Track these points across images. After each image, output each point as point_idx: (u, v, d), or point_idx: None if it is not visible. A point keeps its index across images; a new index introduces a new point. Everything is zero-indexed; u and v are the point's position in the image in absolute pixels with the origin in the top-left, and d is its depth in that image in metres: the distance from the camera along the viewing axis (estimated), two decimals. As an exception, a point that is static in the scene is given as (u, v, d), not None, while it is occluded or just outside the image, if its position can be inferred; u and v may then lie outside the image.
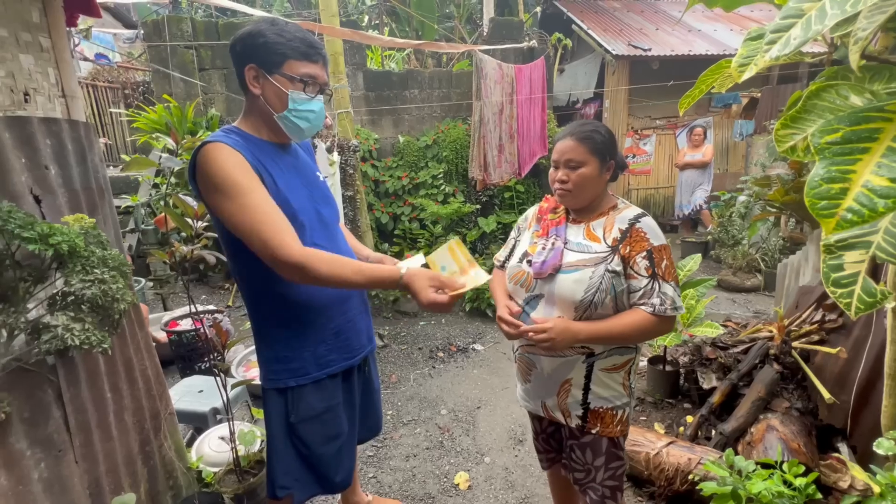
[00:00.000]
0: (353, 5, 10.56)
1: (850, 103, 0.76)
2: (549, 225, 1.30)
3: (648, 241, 1.17)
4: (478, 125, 3.94)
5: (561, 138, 1.24)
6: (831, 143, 0.63)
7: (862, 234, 0.67)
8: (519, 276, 1.30)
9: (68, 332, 0.83)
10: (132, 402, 1.39)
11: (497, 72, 4.09)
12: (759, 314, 3.78)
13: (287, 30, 1.10)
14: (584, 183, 1.21)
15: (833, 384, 1.94)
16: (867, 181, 0.59)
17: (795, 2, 0.67)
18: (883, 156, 0.60)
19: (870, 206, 0.58)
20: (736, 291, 4.42)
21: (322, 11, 3.64)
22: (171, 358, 2.84)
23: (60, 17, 1.20)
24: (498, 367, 3.13)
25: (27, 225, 0.84)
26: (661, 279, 1.15)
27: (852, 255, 0.66)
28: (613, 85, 6.79)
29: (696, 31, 7.52)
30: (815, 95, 0.80)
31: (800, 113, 0.80)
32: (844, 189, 0.61)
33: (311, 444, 1.22)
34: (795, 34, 0.64)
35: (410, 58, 6.87)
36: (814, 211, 0.62)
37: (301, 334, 1.19)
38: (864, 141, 0.62)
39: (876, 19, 0.63)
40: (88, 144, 1.25)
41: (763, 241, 4.58)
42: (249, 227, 1.00)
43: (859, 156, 0.61)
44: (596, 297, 1.16)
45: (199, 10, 7.20)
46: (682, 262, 2.60)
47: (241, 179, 1.02)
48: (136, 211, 3.74)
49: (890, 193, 0.57)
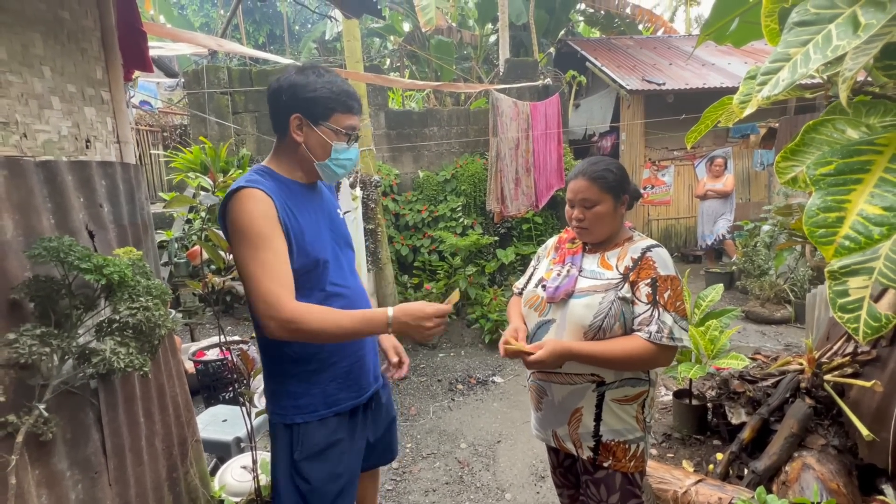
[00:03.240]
0: (375, 50, 11.18)
1: (846, 136, 0.80)
2: (566, 253, 1.35)
3: (655, 270, 1.20)
4: (494, 160, 4.06)
5: (574, 178, 1.28)
6: (825, 174, 0.67)
7: (864, 259, 0.68)
8: (533, 300, 1.34)
9: (115, 355, 0.91)
10: (162, 428, 1.45)
11: (513, 109, 4.24)
12: (790, 347, 3.64)
13: (334, 82, 1.15)
14: (599, 220, 1.25)
15: (871, 420, 1.85)
16: (862, 210, 0.62)
17: (783, 46, 0.72)
18: (875, 186, 0.63)
19: (866, 234, 0.61)
20: (765, 323, 4.27)
21: (347, 58, 3.90)
22: (197, 388, 2.91)
23: (120, 74, 1.35)
24: (518, 401, 3.09)
25: (84, 257, 0.94)
26: (661, 307, 1.17)
27: (856, 280, 0.67)
28: (629, 118, 6.90)
29: (710, 65, 7.63)
30: (814, 129, 0.85)
31: (799, 146, 0.84)
32: (840, 218, 0.64)
33: (314, 481, 1.20)
34: (783, 76, 0.69)
35: (430, 97, 7.17)
36: (813, 239, 0.65)
37: (313, 372, 1.20)
38: (857, 172, 0.65)
39: (860, 61, 0.68)
40: (137, 184, 1.37)
41: (791, 271, 4.46)
42: (254, 277, 1.05)
43: (853, 186, 0.65)
44: (605, 322, 1.19)
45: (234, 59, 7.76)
46: (704, 293, 2.57)
47: (263, 230, 1.07)
48: (170, 245, 3.94)
49: (884, 221, 0.60)
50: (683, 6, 13.69)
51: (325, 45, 10.79)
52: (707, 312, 2.50)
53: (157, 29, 2.53)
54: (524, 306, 1.37)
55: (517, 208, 4.42)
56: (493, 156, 4.09)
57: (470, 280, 4.31)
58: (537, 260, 1.48)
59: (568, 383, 1.26)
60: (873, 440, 1.77)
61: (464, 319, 4.37)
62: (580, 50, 7.98)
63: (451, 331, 4.24)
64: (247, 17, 12.01)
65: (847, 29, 0.64)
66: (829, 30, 0.66)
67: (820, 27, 0.68)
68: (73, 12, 1.21)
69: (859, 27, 0.62)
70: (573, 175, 1.29)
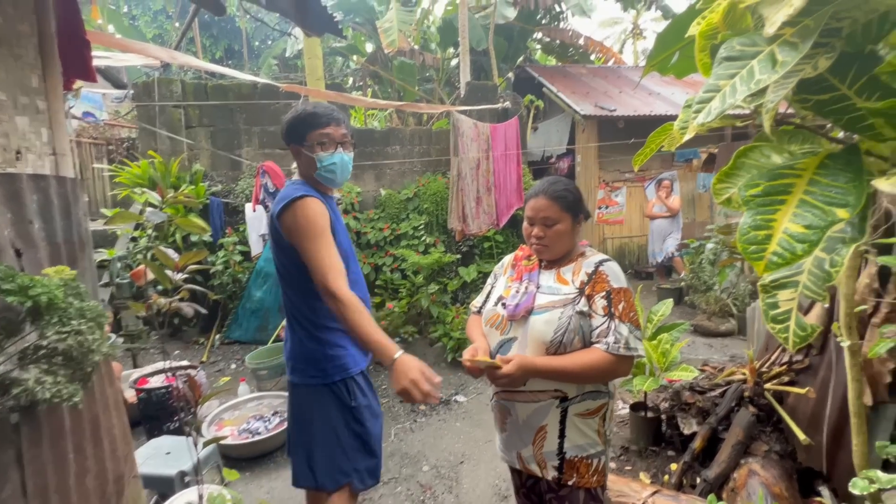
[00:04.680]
0: (338, 69, 11.19)
1: (772, 161, 0.87)
2: (523, 270, 1.37)
3: (609, 283, 1.24)
4: (455, 179, 4.12)
5: (534, 196, 1.31)
6: (754, 195, 0.73)
7: (791, 274, 0.74)
8: (494, 319, 1.34)
9: (40, 384, 0.83)
10: (95, 464, 1.32)
11: (473, 130, 4.34)
12: (734, 358, 3.85)
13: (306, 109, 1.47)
14: (559, 238, 1.29)
15: (807, 425, 1.97)
16: (786, 228, 0.68)
17: (714, 79, 0.78)
18: (797, 206, 0.69)
19: (791, 250, 0.66)
20: (712, 336, 4.51)
21: (308, 75, 3.88)
22: (139, 418, 2.70)
23: (58, 83, 1.27)
24: (481, 419, 3.07)
25: (7, 277, 0.86)
26: (617, 319, 1.20)
27: (785, 293, 0.73)
28: (584, 142, 7.23)
29: (656, 94, 8.18)
30: (744, 154, 0.92)
31: (732, 169, 0.91)
32: (769, 235, 0.69)
33: (366, 422, 1.49)
34: (714, 105, 0.75)
35: (392, 117, 7.22)
36: (746, 255, 0.70)
37: (344, 337, 1.48)
38: (781, 194, 0.71)
39: (779, 93, 0.75)
40: (74, 199, 1.28)
41: (733, 286, 4.75)
42: (321, 264, 1.34)
43: (778, 206, 0.70)
44: (565, 337, 1.21)
45: (188, 72, 7.52)
46: (656, 308, 2.68)
47: (325, 227, 1.37)
48: (112, 265, 3.69)
49: (805, 238, 0.65)
50: (631, 39, 14.71)
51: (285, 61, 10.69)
52: (659, 326, 2.60)
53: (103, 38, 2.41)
54: (485, 325, 1.38)
55: (478, 226, 4.49)
56: (455, 175, 4.16)
57: (433, 298, 4.29)
58: (494, 278, 1.50)
59: (532, 401, 1.27)
60: (809, 444, 1.89)
61: (426, 338, 4.33)
62: (537, 76, 8.34)
63: (413, 350, 4.19)
64: (204, 31, 11.72)
65: (767, 65, 0.71)
66: (752, 65, 0.73)
67: (744, 62, 0.75)
68: (7, 17, 1.14)
69: (777, 63, 0.69)
70: (533, 194, 1.32)
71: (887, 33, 0.78)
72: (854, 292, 1.46)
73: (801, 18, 0.72)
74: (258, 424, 2.76)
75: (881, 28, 0.76)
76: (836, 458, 1.83)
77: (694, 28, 0.99)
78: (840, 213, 0.65)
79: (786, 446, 2.06)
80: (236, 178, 5.24)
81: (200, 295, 1.76)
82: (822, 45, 0.74)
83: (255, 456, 2.64)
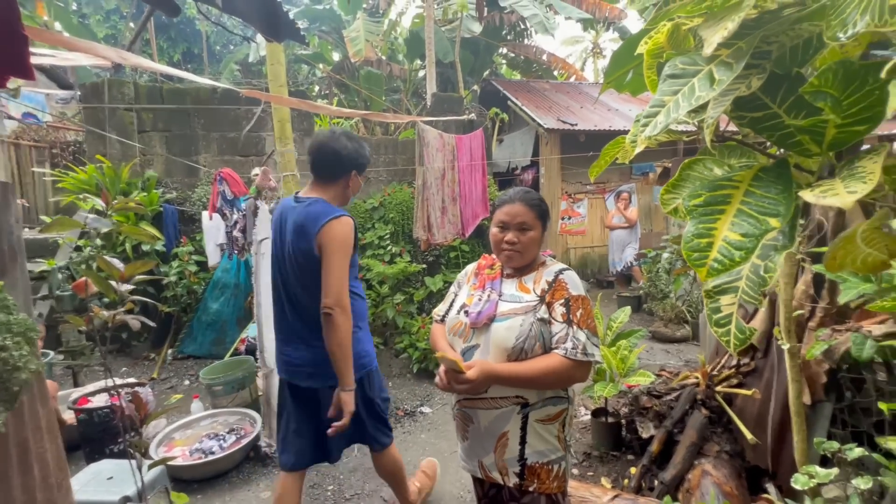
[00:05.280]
0: (303, 76, 11.04)
1: (713, 174, 0.92)
2: (485, 279, 1.39)
3: (567, 291, 1.28)
4: (421, 189, 4.13)
5: (509, 202, 1.34)
6: (697, 205, 0.77)
7: (731, 280, 0.79)
8: (457, 326, 1.35)
9: (-46, 406, 0.75)
10: (23, 494, 1.21)
11: (438, 141, 4.37)
12: (689, 363, 4.01)
13: (364, 146, 1.85)
14: (531, 244, 1.32)
15: (754, 425, 2.08)
16: (725, 236, 0.72)
17: (659, 94, 0.83)
18: (735, 216, 0.73)
19: (729, 257, 0.70)
20: (668, 342, 4.69)
21: (271, 82, 3.79)
22: (78, 441, 2.51)
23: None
24: (446, 430, 3.04)
25: (-81, 289, 0.78)
26: (575, 325, 1.24)
27: (726, 298, 0.77)
28: (547, 154, 7.43)
29: (615, 111, 8.54)
30: (689, 167, 0.97)
31: (678, 181, 0.95)
32: (710, 243, 0.72)
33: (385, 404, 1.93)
34: (660, 119, 0.79)
35: (358, 126, 7.19)
36: (690, 262, 0.73)
37: (368, 334, 1.86)
38: (721, 204, 0.75)
39: (718, 110, 0.80)
40: (4, 204, 1.19)
41: (687, 293, 4.98)
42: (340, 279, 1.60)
43: (718, 216, 0.74)
44: (526, 343, 1.23)
45: (143, 74, 7.21)
46: (615, 315, 2.77)
47: (351, 248, 1.66)
48: (52, 276, 3.43)
49: (742, 246, 0.69)
50: (591, 58, 15.37)
51: (248, 67, 10.45)
52: (618, 333, 2.69)
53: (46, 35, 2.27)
54: (448, 334, 1.38)
55: (444, 236, 4.50)
56: (420, 185, 4.16)
57: (398, 308, 4.25)
58: (457, 286, 1.51)
59: (493, 408, 1.28)
60: (756, 443, 1.98)
61: (392, 349, 4.28)
62: (502, 89, 8.54)
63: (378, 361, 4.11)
64: (161, 34, 11.29)
65: (706, 83, 0.76)
66: (693, 83, 0.78)
67: (686, 80, 0.80)
68: (-71, 7, 1.05)
69: (714, 82, 0.74)
70: (507, 200, 1.35)
71: (811, 57, 0.85)
72: (792, 298, 1.56)
73: (735, 41, 0.77)
74: (212, 443, 2.62)
75: (806, 52, 0.83)
76: (781, 456, 1.94)
77: (642, 47, 1.05)
78: (772, 223, 0.69)
79: (735, 446, 2.15)
80: (193, 185, 5.04)
81: (151, 307, 1.67)
82: (755, 66, 0.80)
83: (210, 477, 2.50)
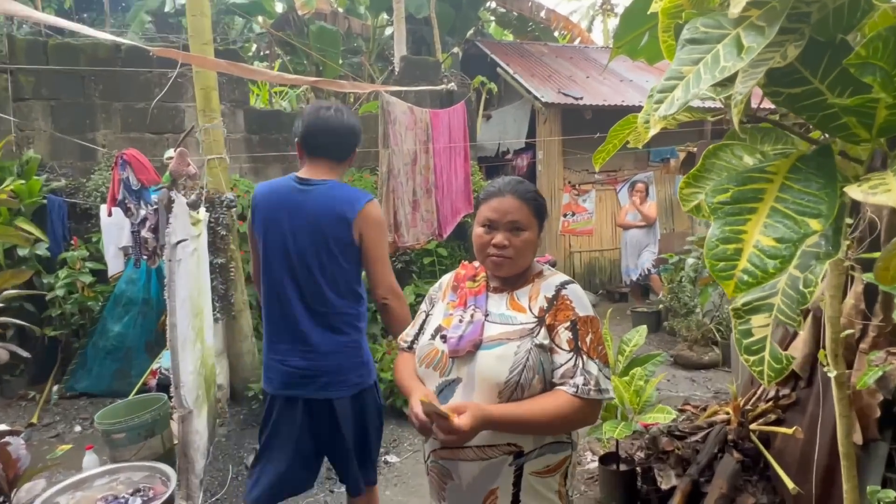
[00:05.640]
0: (237, 32, 10.88)
1: (743, 163, 0.94)
2: (467, 294, 1.37)
3: (574, 311, 1.27)
4: (386, 177, 4.11)
5: (497, 195, 1.32)
6: (723, 202, 0.77)
7: (764, 295, 0.80)
8: (431, 355, 1.32)
9: None
10: None
11: (408, 116, 4.37)
12: (718, 394, 4.11)
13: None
14: (526, 249, 1.31)
15: (796, 470, 2.13)
16: (757, 241, 0.72)
17: (677, 64, 0.84)
18: (768, 216, 0.74)
19: (762, 267, 0.70)
20: (694, 368, 4.79)
21: (192, 38, 3.71)
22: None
23: None
24: (418, 484, 3.02)
25: None
26: (584, 355, 1.23)
27: (759, 318, 0.78)
28: (545, 135, 7.52)
29: (629, 82, 8.73)
30: (714, 154, 0.98)
31: (700, 171, 0.96)
32: (738, 250, 0.73)
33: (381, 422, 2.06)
34: (678, 95, 0.79)
35: (307, 96, 7.12)
36: (714, 273, 0.74)
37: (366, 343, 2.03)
38: (751, 201, 0.76)
39: (748, 84, 0.81)
40: None
41: (716, 308, 5.10)
42: (388, 265, 1.92)
43: (748, 216, 0.75)
44: (522, 376, 1.21)
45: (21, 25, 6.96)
46: (628, 336, 2.80)
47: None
48: None
49: (777, 254, 0.70)
50: (601, 17, 15.64)
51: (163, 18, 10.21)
52: (632, 359, 2.72)
53: None
54: (420, 365, 1.35)
55: (416, 238, 4.48)
56: (385, 172, 4.14)
57: (357, 329, 4.20)
58: (429, 304, 1.49)
59: (480, 459, 1.25)
60: (799, 493, 2.03)
61: (349, 381, 4.23)
62: (490, 53, 8.61)
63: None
64: (48, -27, 10.92)
65: (732, 50, 0.77)
66: (718, 50, 0.79)
67: (709, 46, 0.81)
68: None
69: (743, 49, 0.75)
70: (494, 192, 1.33)
71: (859, 21, 0.88)
72: (839, 315, 1.60)
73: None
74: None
75: (852, 15, 0.85)
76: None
77: (656, 4, 1.06)
78: (813, 225, 0.71)
79: (774, 497, 2.21)
80: (88, 170, 4.89)
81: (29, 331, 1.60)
82: (791, 30, 0.82)
83: (105, 553, 2.40)
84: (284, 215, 1.86)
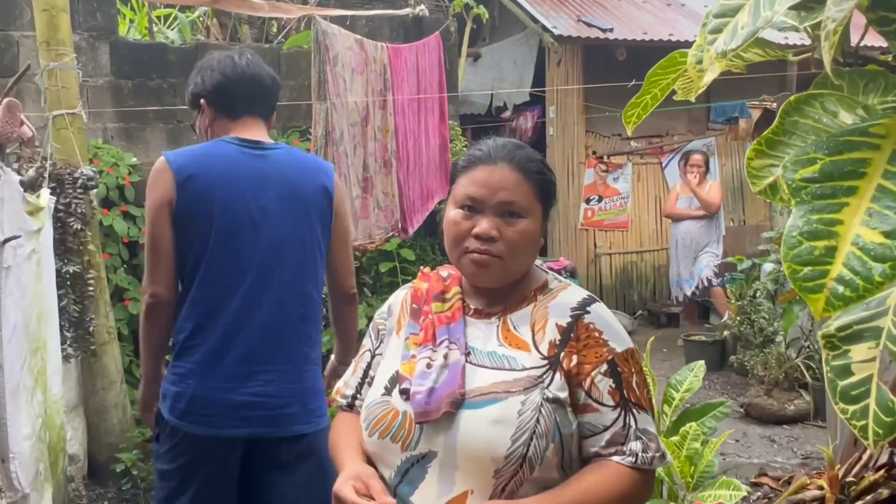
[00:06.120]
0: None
1: (838, 122, 0.94)
2: (434, 323, 1.33)
3: (608, 345, 1.24)
4: (322, 143, 4.08)
5: (482, 162, 1.29)
6: (808, 179, 0.77)
7: (869, 316, 0.80)
8: (387, 420, 1.26)
9: None
10: None
11: (357, 54, 4.35)
12: (808, 459, 4.17)
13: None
14: (524, 244, 1.28)
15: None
16: (858, 237, 0.72)
17: (741, -23, 0.84)
18: (873, 200, 0.74)
19: (864, 275, 0.70)
20: (774, 423, 4.85)
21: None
22: None
23: None
24: None
25: None
26: (635, 408, 1.22)
27: (860, 349, 0.78)
28: (559, 83, 7.55)
29: (679, 6, 8.83)
30: (796, 110, 0.99)
31: (777, 135, 0.97)
32: (831, 249, 0.73)
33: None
34: (743, 21, 0.80)
35: (206, 24, 7.04)
36: (795, 283, 0.74)
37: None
38: (849, 178, 0.76)
39: (845, 6, 0.82)
40: None
41: (805, 335, 5.17)
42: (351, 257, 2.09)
43: (845, 199, 0.75)
44: (531, 448, 1.15)
45: None
46: (678, 377, 2.83)
47: None
48: None
49: (886, 255, 0.70)
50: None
51: None
52: (683, 410, 2.74)
53: None
54: (369, 434, 1.29)
55: (367, 234, 4.47)
56: (321, 136, 4.10)
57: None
58: (375, 338, 1.45)
59: None
60: None
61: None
62: (478, -37, 8.62)
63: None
64: None
65: (822, -45, 0.77)
66: (801, -46, 0.80)
67: (789, -52, 0.81)
68: None
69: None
70: (480, 157, 1.30)
71: None
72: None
73: None
74: None
75: None
76: None
77: None
78: (939, 213, 0.71)
79: None
80: None
81: None
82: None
83: None
84: (247, 189, 1.90)
